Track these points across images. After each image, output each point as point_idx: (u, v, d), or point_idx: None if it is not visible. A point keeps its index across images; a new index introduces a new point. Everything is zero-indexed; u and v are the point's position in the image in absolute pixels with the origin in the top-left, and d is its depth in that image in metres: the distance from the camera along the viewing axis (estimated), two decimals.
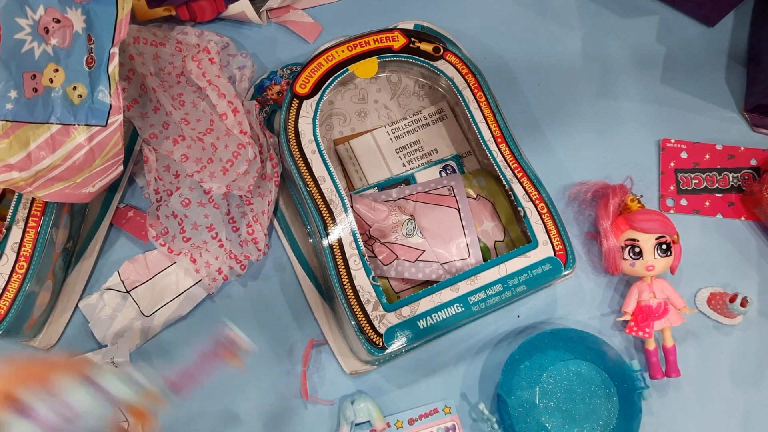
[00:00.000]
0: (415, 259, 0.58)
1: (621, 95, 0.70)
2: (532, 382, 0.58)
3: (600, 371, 0.58)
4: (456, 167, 0.64)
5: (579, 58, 0.71)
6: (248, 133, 0.59)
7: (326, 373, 0.60)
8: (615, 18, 0.72)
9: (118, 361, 0.57)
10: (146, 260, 0.61)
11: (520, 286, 0.55)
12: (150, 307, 0.60)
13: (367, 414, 0.57)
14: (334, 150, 0.65)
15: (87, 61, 0.49)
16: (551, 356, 0.59)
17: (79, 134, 0.49)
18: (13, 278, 0.52)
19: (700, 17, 0.72)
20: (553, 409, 0.57)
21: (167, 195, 0.60)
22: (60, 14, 0.47)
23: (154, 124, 0.61)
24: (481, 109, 0.60)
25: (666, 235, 0.60)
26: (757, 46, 0.70)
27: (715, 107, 0.70)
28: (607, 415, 0.57)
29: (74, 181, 0.50)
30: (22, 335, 0.56)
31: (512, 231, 0.60)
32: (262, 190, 0.61)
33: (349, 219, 0.56)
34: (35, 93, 0.46)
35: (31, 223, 0.53)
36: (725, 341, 0.63)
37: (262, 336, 0.61)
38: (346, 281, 0.54)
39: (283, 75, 0.66)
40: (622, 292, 0.64)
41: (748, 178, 0.67)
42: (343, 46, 0.60)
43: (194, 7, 0.65)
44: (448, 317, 0.54)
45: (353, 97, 0.66)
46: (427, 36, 0.61)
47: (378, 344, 0.53)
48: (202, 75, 0.61)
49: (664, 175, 0.67)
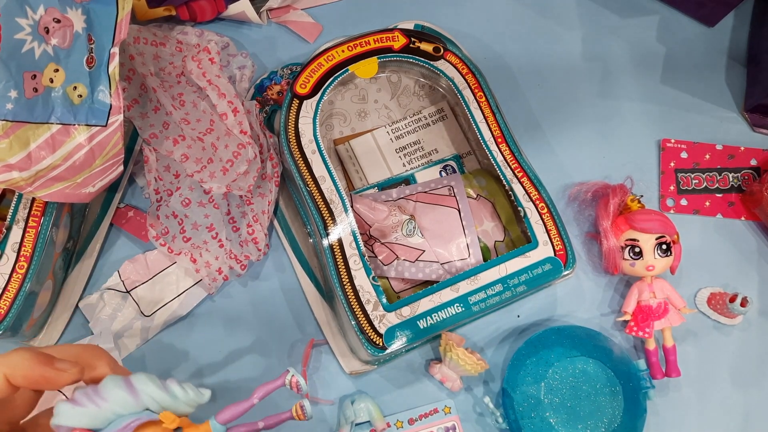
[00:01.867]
0: (415, 259, 0.58)
1: (621, 95, 0.70)
2: (538, 377, 0.58)
3: (606, 369, 0.58)
4: (456, 167, 0.64)
5: (579, 58, 0.71)
6: (248, 133, 0.59)
7: (326, 373, 0.60)
8: (615, 18, 0.72)
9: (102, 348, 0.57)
10: (146, 260, 0.61)
11: (520, 286, 0.55)
12: (150, 307, 0.60)
13: (367, 414, 0.57)
14: (334, 150, 0.65)
15: (87, 61, 0.49)
16: (557, 353, 0.59)
17: (80, 134, 0.49)
18: (13, 278, 0.52)
19: (700, 17, 0.72)
20: (557, 405, 0.57)
21: (167, 195, 0.60)
22: (60, 14, 0.47)
23: (154, 124, 0.61)
24: (481, 109, 0.60)
25: (666, 235, 0.60)
26: (757, 46, 0.70)
27: (715, 107, 0.70)
28: (612, 413, 0.57)
29: (74, 181, 0.50)
30: (22, 335, 0.56)
31: (512, 231, 0.60)
32: (262, 190, 0.61)
33: (349, 219, 0.56)
34: (35, 93, 0.46)
35: (31, 223, 0.53)
36: (725, 341, 0.63)
37: (262, 336, 0.61)
38: (346, 281, 0.54)
39: (283, 75, 0.66)
40: (622, 292, 0.64)
41: (748, 178, 0.67)
42: (343, 46, 0.60)
43: (194, 7, 0.65)
44: (448, 317, 0.54)
45: (353, 97, 0.66)
46: (428, 36, 0.61)
47: (378, 344, 0.53)
48: (202, 75, 0.61)
49: (664, 175, 0.67)
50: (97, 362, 0.36)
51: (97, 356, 0.36)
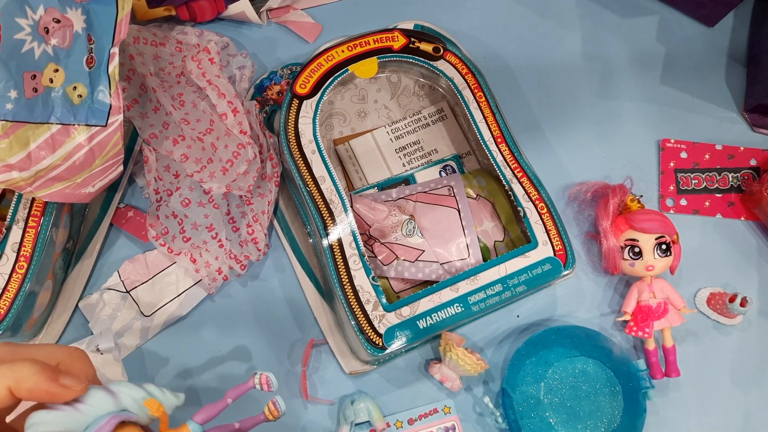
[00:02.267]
0: (415, 259, 0.58)
1: (621, 95, 0.70)
2: (538, 377, 0.58)
3: (606, 369, 0.58)
4: (456, 167, 0.64)
5: (579, 58, 0.71)
6: (248, 133, 0.59)
7: (326, 373, 0.60)
8: (615, 18, 0.72)
9: (102, 348, 0.57)
10: (146, 260, 0.61)
11: (519, 286, 0.55)
12: (150, 307, 0.60)
13: (367, 414, 0.57)
14: (334, 150, 0.65)
15: (87, 61, 0.49)
16: (557, 353, 0.59)
17: (79, 134, 0.49)
18: (13, 278, 0.52)
19: (700, 17, 0.72)
20: (557, 405, 0.57)
21: (167, 195, 0.60)
22: (60, 14, 0.47)
23: (154, 124, 0.61)
24: (481, 109, 0.60)
25: (666, 235, 0.60)
26: (757, 46, 0.70)
27: (715, 107, 0.70)
28: (612, 413, 0.57)
29: (74, 181, 0.50)
30: (22, 335, 0.56)
31: (512, 231, 0.60)
32: (262, 190, 0.61)
33: (349, 219, 0.56)
34: (35, 93, 0.46)
35: (31, 223, 0.53)
36: (725, 341, 0.63)
37: (262, 336, 0.61)
38: (346, 281, 0.54)
39: (283, 75, 0.66)
40: (622, 292, 0.64)
41: (748, 178, 0.67)
42: (343, 46, 0.60)
43: (194, 7, 0.65)
44: (448, 317, 0.54)
45: (353, 97, 0.66)
46: (427, 36, 0.61)
47: (378, 344, 0.53)
48: (202, 75, 0.61)
49: (664, 175, 0.67)
50: (80, 369, 0.35)
51: (79, 361, 0.35)
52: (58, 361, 0.34)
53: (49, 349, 0.35)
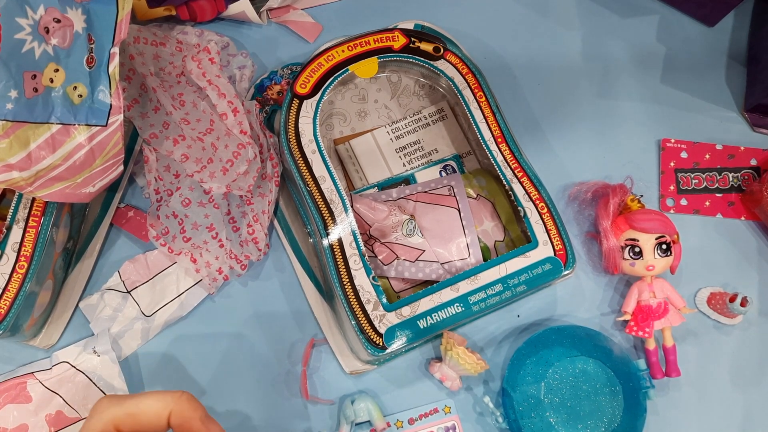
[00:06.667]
0: (415, 259, 0.58)
1: (621, 95, 0.70)
2: (538, 377, 0.58)
3: (606, 369, 0.58)
4: (456, 167, 0.64)
5: (579, 58, 0.71)
6: (248, 133, 0.59)
7: (326, 373, 0.60)
8: (615, 18, 0.72)
9: (99, 350, 0.57)
10: (146, 260, 0.61)
11: (520, 285, 0.55)
12: (150, 307, 0.60)
13: (367, 414, 0.57)
14: (334, 150, 0.65)
15: (87, 61, 0.49)
16: (557, 353, 0.59)
17: (80, 134, 0.49)
18: (13, 278, 0.52)
19: (700, 17, 0.72)
20: (558, 404, 0.57)
21: (167, 195, 0.60)
22: (60, 14, 0.47)
23: (155, 124, 0.61)
24: (481, 109, 0.60)
25: (666, 235, 0.60)
26: (757, 46, 0.70)
27: (715, 107, 0.70)
28: (612, 413, 0.57)
29: (74, 181, 0.50)
30: (22, 335, 0.56)
31: (512, 231, 0.60)
32: (262, 190, 0.61)
33: (349, 219, 0.56)
34: (35, 93, 0.46)
35: (32, 223, 0.53)
36: (725, 341, 0.63)
37: (263, 336, 0.61)
38: (346, 281, 0.54)
39: (283, 75, 0.66)
40: (622, 291, 0.64)
41: (748, 178, 0.67)
42: (343, 46, 0.60)
43: (194, 7, 0.65)
44: (448, 317, 0.54)
45: (353, 97, 0.66)
46: (427, 36, 0.61)
47: (378, 344, 0.53)
48: (202, 75, 0.61)
49: (664, 175, 0.67)
50: (193, 411, 0.36)
51: (188, 404, 0.36)
52: (170, 409, 0.35)
53: (158, 397, 0.35)
